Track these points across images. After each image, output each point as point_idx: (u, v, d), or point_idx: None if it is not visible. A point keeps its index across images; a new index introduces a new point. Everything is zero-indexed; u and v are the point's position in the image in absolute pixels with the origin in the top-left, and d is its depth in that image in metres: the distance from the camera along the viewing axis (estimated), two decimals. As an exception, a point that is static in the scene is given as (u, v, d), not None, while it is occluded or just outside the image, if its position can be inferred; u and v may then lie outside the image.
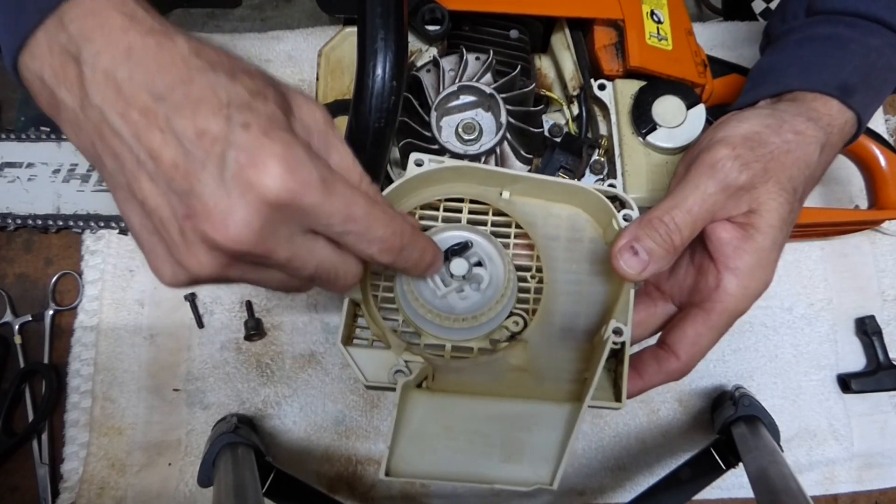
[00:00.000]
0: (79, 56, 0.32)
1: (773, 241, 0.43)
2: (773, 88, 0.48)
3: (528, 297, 0.46)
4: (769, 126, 0.44)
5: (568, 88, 0.59)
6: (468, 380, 0.44)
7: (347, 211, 0.34)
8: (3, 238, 0.69)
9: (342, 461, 0.65)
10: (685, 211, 0.42)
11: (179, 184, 0.31)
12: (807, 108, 0.46)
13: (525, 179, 0.45)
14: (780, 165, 0.43)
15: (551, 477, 0.42)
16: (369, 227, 0.35)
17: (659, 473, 0.63)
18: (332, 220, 0.34)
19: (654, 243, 0.41)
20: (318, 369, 0.67)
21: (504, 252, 0.45)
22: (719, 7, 1.19)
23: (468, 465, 0.43)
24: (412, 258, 0.38)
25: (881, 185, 0.62)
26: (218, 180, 0.31)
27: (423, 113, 0.52)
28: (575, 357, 0.45)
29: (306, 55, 0.73)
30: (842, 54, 0.47)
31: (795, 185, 0.44)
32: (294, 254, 0.34)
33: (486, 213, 0.46)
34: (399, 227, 0.36)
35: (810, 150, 0.44)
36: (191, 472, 0.64)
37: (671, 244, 0.42)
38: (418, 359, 0.43)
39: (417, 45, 0.56)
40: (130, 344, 0.67)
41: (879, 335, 0.68)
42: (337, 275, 0.37)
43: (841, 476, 0.67)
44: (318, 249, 0.35)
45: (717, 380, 0.68)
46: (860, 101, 0.46)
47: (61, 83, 0.33)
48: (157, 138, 0.31)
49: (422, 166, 0.44)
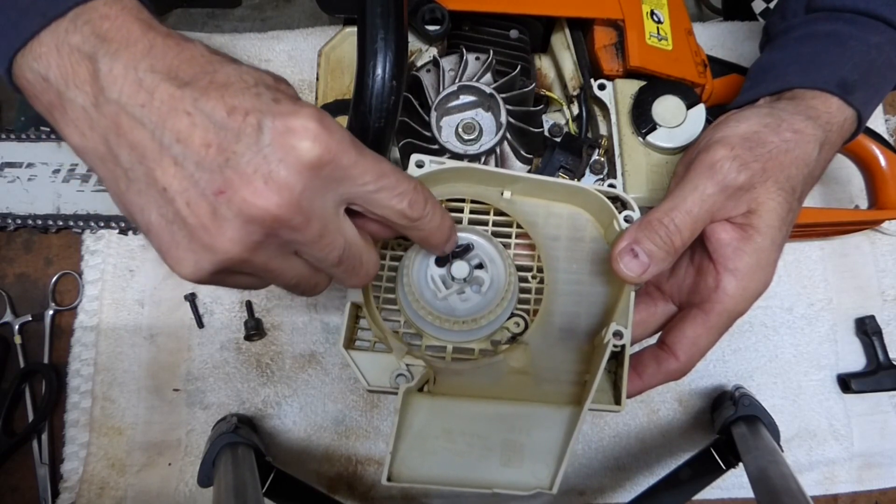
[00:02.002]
0: (94, 54, 0.32)
1: (773, 242, 0.43)
2: (773, 86, 0.48)
3: (528, 298, 0.46)
4: (768, 125, 0.44)
5: (568, 88, 0.59)
6: (469, 383, 0.44)
7: (380, 168, 0.35)
8: (3, 238, 0.69)
9: (342, 461, 0.65)
10: (685, 212, 0.42)
11: (212, 160, 0.31)
12: (806, 106, 0.46)
13: (525, 180, 0.45)
14: (779, 165, 0.43)
15: (550, 481, 0.42)
16: (398, 181, 0.36)
17: (659, 473, 0.63)
18: (366, 177, 0.34)
19: (654, 245, 0.41)
20: (318, 369, 0.67)
21: (505, 253, 0.45)
22: (719, 7, 1.19)
23: (468, 469, 0.43)
24: (435, 220, 0.39)
25: (881, 185, 0.62)
26: (255, 148, 0.31)
27: (423, 113, 0.52)
28: (575, 358, 0.45)
29: (306, 55, 0.73)
30: (841, 51, 0.47)
31: (794, 184, 0.44)
32: (326, 227, 0.34)
33: (487, 212, 0.46)
34: (423, 191, 0.37)
35: (809, 148, 0.44)
36: (191, 472, 0.64)
37: (671, 246, 0.42)
38: (420, 362, 0.43)
39: (417, 45, 0.56)
40: (130, 344, 0.67)
41: (879, 335, 0.68)
42: (361, 261, 0.37)
43: (841, 476, 0.67)
44: (348, 229, 0.36)
45: (717, 380, 0.68)
46: (860, 98, 0.46)
47: (70, 82, 0.33)
48: (185, 121, 0.31)
49: (423, 167, 0.44)
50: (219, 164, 0.31)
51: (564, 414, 0.43)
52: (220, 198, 0.31)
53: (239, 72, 0.33)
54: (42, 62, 0.33)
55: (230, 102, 0.31)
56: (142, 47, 0.32)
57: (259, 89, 0.32)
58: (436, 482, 0.42)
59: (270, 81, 0.34)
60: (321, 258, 0.36)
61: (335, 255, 0.36)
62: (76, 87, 0.33)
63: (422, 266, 0.44)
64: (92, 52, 0.32)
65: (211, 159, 0.31)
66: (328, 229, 0.34)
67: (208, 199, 0.32)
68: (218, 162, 0.31)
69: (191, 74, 0.32)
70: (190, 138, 0.31)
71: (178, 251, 0.33)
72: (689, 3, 1.20)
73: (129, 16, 0.33)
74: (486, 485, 0.42)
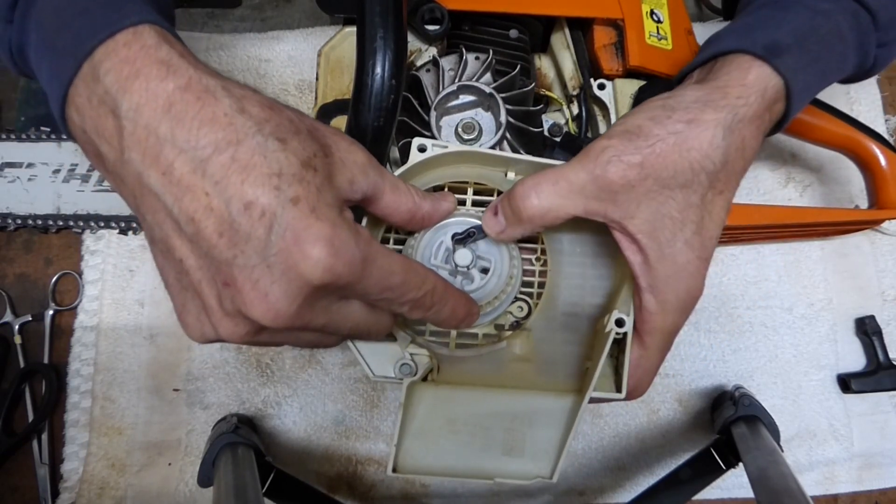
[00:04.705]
0: (116, 109, 0.32)
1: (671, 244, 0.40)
2: (703, 56, 0.45)
3: (532, 281, 0.46)
4: (654, 118, 0.40)
5: (568, 88, 0.59)
6: (472, 371, 0.44)
7: (385, 282, 0.35)
8: (3, 238, 0.69)
9: (342, 461, 0.65)
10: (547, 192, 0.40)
11: (221, 253, 0.31)
12: (713, 86, 0.41)
13: (527, 162, 0.45)
14: (662, 160, 0.39)
15: (551, 470, 0.42)
16: (404, 292, 0.36)
17: (659, 473, 0.63)
18: (368, 291, 0.35)
19: (509, 212, 0.42)
20: (318, 369, 0.67)
21: None
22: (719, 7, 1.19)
23: (471, 459, 0.43)
24: (443, 314, 0.39)
25: (881, 184, 0.62)
26: (261, 256, 0.31)
27: (422, 112, 0.52)
28: (578, 343, 0.45)
29: (306, 55, 0.73)
30: (783, 15, 0.44)
31: (687, 178, 0.39)
32: (329, 320, 0.35)
33: (491, 194, 0.46)
34: (431, 286, 0.37)
35: (706, 136, 0.39)
36: (191, 472, 0.64)
37: (520, 218, 0.41)
38: (423, 352, 0.44)
39: (417, 44, 0.56)
40: (130, 344, 0.67)
41: (879, 335, 0.68)
42: (369, 332, 0.38)
43: (841, 476, 0.67)
44: (352, 313, 0.36)
45: (717, 380, 0.68)
46: (789, 63, 0.42)
47: (101, 136, 0.33)
48: (200, 205, 0.31)
49: (425, 151, 0.44)
50: (227, 259, 0.31)
51: (566, 403, 0.43)
52: (226, 290, 0.32)
53: (264, 148, 0.31)
54: (80, 114, 0.33)
55: (248, 196, 0.30)
56: (161, 103, 0.31)
57: (280, 181, 0.31)
58: (440, 472, 0.43)
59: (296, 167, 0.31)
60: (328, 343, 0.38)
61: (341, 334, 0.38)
62: (106, 142, 0.33)
63: (425, 253, 0.44)
64: (114, 106, 0.32)
65: (221, 251, 0.31)
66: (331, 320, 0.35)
67: (217, 286, 0.32)
68: (226, 257, 0.31)
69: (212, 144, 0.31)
70: (203, 226, 0.31)
71: (189, 318, 0.35)
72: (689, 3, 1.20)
73: (147, 59, 0.32)
74: (489, 474, 0.42)
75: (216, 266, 0.32)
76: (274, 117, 0.33)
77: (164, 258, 0.34)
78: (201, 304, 0.34)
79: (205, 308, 0.33)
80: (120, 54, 0.32)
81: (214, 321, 0.33)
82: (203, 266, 0.32)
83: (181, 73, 0.32)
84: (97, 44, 0.32)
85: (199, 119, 0.31)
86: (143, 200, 0.33)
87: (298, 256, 0.31)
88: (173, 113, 0.31)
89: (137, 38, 0.32)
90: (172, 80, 0.31)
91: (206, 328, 0.34)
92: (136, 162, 0.31)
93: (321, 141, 0.34)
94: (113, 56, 0.32)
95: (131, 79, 0.31)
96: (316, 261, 0.31)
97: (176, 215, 0.31)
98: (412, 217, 0.41)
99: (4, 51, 0.39)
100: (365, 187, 0.36)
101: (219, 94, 0.32)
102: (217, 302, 0.33)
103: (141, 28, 0.33)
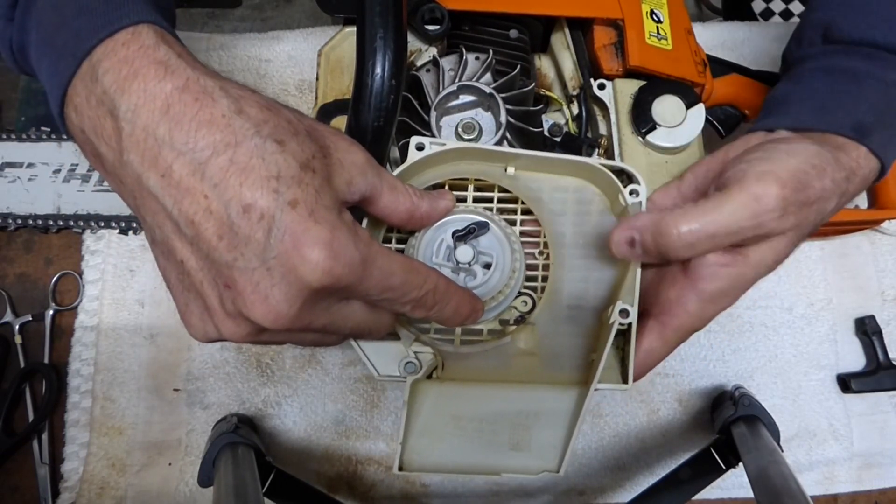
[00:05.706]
0: (115, 110, 0.31)
1: (755, 276, 0.41)
2: (789, 122, 0.46)
3: (535, 275, 0.46)
4: (815, 167, 0.40)
5: (568, 88, 0.59)
6: (477, 367, 0.44)
7: (385, 283, 0.35)
8: (4, 238, 0.69)
9: (342, 461, 0.65)
10: (707, 235, 0.39)
11: (221, 255, 0.31)
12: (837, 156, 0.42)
13: (527, 156, 0.45)
14: (807, 214, 0.40)
15: (557, 464, 0.42)
16: (405, 293, 0.36)
17: (659, 473, 0.63)
18: (369, 292, 0.35)
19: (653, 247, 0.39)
20: (318, 369, 0.67)
21: (511, 231, 0.45)
22: (719, 7, 1.20)
23: (477, 454, 0.43)
24: (446, 312, 0.39)
25: (881, 184, 0.62)
26: (260, 259, 0.31)
27: (422, 113, 0.52)
28: (583, 335, 0.45)
29: (306, 55, 0.73)
30: (857, 90, 0.45)
31: (808, 232, 0.42)
32: (330, 321, 0.35)
33: (492, 189, 0.46)
34: (432, 285, 0.37)
35: (833, 202, 0.42)
36: (191, 472, 0.64)
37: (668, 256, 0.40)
38: (428, 350, 0.44)
39: (417, 44, 0.56)
40: (130, 344, 0.67)
41: (879, 335, 0.68)
42: (370, 331, 0.38)
43: (841, 476, 0.67)
44: (353, 313, 0.37)
45: (717, 380, 0.68)
46: (877, 141, 0.43)
47: (99, 136, 0.32)
48: (199, 208, 0.31)
49: (423, 150, 0.44)
50: (227, 261, 0.31)
51: (571, 396, 0.43)
52: (227, 292, 0.32)
53: (262, 150, 0.31)
54: (78, 114, 0.33)
55: (247, 197, 0.30)
56: (160, 105, 0.31)
57: (279, 184, 0.31)
58: (446, 469, 0.43)
59: (294, 170, 0.31)
60: (330, 342, 0.38)
61: (342, 334, 0.38)
62: (105, 143, 0.33)
63: (426, 252, 0.44)
64: (113, 107, 0.31)
65: (221, 253, 0.31)
66: (332, 321, 0.35)
67: (218, 288, 0.32)
68: (227, 259, 0.31)
69: (210, 146, 0.30)
70: (202, 228, 0.31)
71: (191, 318, 0.35)
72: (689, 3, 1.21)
73: (145, 59, 0.32)
74: (495, 470, 0.42)
75: (217, 268, 0.32)
76: (272, 118, 0.32)
77: (165, 259, 0.34)
78: (203, 305, 0.34)
79: (207, 309, 0.34)
80: (119, 54, 0.32)
81: (217, 321, 0.34)
82: (204, 268, 0.32)
83: (179, 73, 0.32)
84: (96, 43, 0.32)
85: (198, 120, 0.31)
86: (143, 202, 0.33)
87: (297, 260, 0.31)
88: (171, 114, 0.31)
89: (136, 38, 0.32)
90: (170, 81, 0.31)
91: (208, 328, 0.34)
92: (135, 164, 0.31)
93: (320, 142, 0.34)
94: (112, 56, 0.32)
95: (129, 79, 0.31)
96: (315, 264, 0.31)
97: (176, 217, 0.31)
98: (411, 217, 0.41)
99: (6, 49, 0.39)
100: (363, 188, 0.36)
101: (217, 94, 0.32)
102: (219, 303, 0.33)
103: (140, 28, 0.33)
